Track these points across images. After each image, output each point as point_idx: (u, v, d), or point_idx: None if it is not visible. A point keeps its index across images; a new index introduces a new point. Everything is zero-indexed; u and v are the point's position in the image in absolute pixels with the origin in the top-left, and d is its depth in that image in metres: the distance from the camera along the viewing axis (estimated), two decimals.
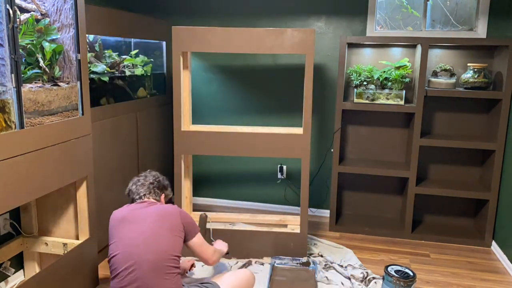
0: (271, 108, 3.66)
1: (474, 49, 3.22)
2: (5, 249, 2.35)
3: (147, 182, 2.14)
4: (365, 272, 2.67)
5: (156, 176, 2.20)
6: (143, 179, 2.16)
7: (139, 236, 1.90)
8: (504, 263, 2.92)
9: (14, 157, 1.83)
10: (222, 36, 2.61)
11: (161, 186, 2.18)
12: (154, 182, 2.16)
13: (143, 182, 2.14)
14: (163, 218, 1.96)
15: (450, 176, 3.41)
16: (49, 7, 2.23)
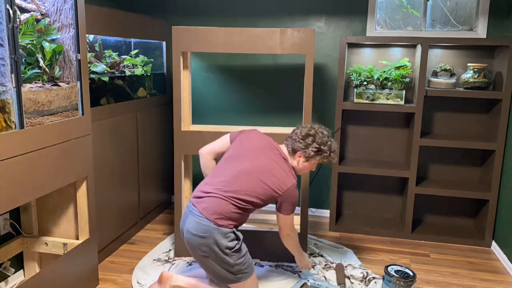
0: (271, 108, 3.66)
1: (474, 49, 3.22)
2: (5, 249, 2.35)
3: (300, 134, 2.21)
4: (365, 272, 2.67)
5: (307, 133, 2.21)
6: (300, 132, 2.23)
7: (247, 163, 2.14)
8: (504, 263, 2.92)
9: (14, 157, 1.83)
10: (222, 36, 2.61)
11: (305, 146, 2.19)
12: (306, 137, 2.19)
13: (300, 130, 2.23)
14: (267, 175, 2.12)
15: (450, 176, 3.41)
16: (49, 7, 2.23)
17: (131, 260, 2.85)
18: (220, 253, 2.07)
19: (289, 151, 2.23)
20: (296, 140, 2.21)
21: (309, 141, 2.19)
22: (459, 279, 2.72)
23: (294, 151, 2.21)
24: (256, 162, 2.15)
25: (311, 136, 2.20)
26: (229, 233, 2.08)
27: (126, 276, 2.65)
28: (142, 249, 3.01)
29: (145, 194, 3.35)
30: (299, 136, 2.21)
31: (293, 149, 2.21)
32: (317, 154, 2.20)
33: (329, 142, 2.23)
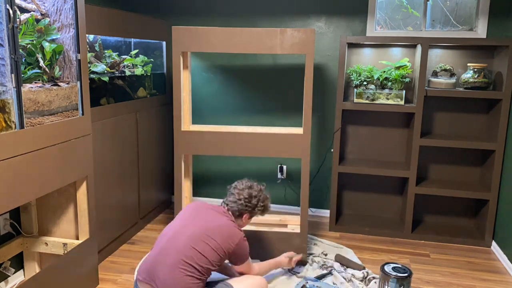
0: (271, 108, 3.66)
1: (474, 49, 3.22)
2: (5, 249, 2.35)
3: (238, 196, 2.24)
4: (365, 272, 2.67)
5: (251, 195, 2.24)
6: (240, 190, 2.26)
7: (184, 229, 2.04)
8: (504, 263, 2.92)
9: (14, 157, 1.83)
10: (222, 36, 2.61)
11: (248, 207, 2.24)
12: (242, 199, 2.22)
13: (237, 192, 2.25)
14: (216, 234, 2.04)
15: (450, 176, 3.41)
16: (49, 7, 2.23)
17: (131, 260, 2.85)
18: None
19: (234, 213, 2.24)
20: (240, 203, 2.23)
21: (254, 202, 2.26)
22: (459, 279, 2.72)
23: (240, 214, 2.25)
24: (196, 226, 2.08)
25: (255, 197, 2.27)
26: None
27: (126, 276, 2.65)
28: (142, 249, 3.01)
29: (145, 194, 3.35)
30: (243, 198, 2.24)
31: (239, 211, 2.24)
32: (262, 212, 2.31)
33: (267, 196, 2.35)
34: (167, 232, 2.09)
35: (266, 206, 2.31)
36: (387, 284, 2.33)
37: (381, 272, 2.36)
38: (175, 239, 2.02)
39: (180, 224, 2.10)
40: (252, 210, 2.26)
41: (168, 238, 2.05)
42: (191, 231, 2.03)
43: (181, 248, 1.98)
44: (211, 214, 2.15)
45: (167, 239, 2.04)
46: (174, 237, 2.03)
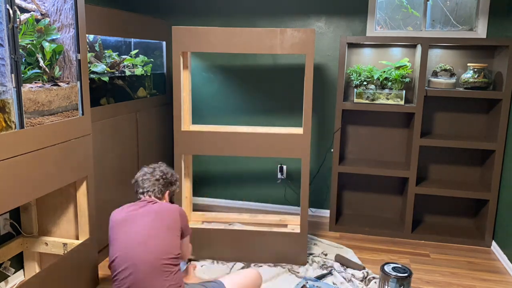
0: (271, 108, 3.66)
1: (474, 49, 3.22)
2: (5, 249, 2.35)
3: (153, 178, 2.11)
4: (365, 272, 2.67)
5: (163, 172, 2.15)
6: (150, 173, 2.13)
7: (137, 236, 1.87)
8: (504, 263, 2.92)
9: (14, 157, 1.83)
10: (222, 36, 2.61)
11: (167, 183, 2.15)
12: (160, 179, 2.12)
13: (149, 177, 2.11)
14: (162, 217, 1.94)
15: (450, 176, 3.41)
16: (49, 7, 2.23)
17: None
18: None
19: (157, 196, 2.10)
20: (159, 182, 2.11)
21: (169, 176, 2.16)
22: (459, 279, 2.72)
23: (162, 193, 2.12)
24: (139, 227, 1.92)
25: (167, 173, 2.16)
26: None
27: None
28: None
29: None
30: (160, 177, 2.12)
31: (161, 191, 2.11)
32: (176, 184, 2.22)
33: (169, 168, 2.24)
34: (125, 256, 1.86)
35: (176, 176, 2.23)
36: (387, 284, 2.33)
37: (381, 272, 2.36)
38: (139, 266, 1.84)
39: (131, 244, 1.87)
40: (170, 184, 2.15)
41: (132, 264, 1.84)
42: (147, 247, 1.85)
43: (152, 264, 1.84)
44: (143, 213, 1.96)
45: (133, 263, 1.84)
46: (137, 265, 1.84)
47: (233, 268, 2.73)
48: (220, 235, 2.79)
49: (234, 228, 2.83)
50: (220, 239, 2.79)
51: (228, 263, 2.80)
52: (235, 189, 3.85)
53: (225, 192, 3.88)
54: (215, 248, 2.82)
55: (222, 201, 3.90)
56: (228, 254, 2.82)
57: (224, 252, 2.81)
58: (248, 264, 2.79)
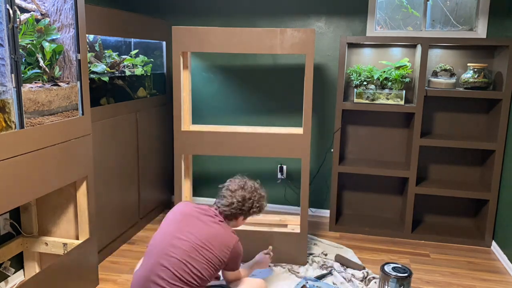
0: (271, 108, 3.66)
1: (474, 49, 3.22)
2: (5, 249, 2.35)
3: (234, 200, 2.08)
4: (365, 272, 2.67)
5: (244, 197, 2.09)
6: (231, 192, 2.09)
7: (180, 242, 1.91)
8: (504, 263, 2.92)
9: (14, 157, 1.83)
10: (222, 36, 2.61)
11: (244, 211, 2.09)
12: (237, 203, 2.07)
13: (231, 195, 2.09)
14: (211, 245, 1.92)
15: (450, 176, 3.41)
16: (49, 7, 2.23)
17: (131, 260, 2.85)
18: None
19: (227, 217, 2.10)
20: (233, 206, 2.08)
21: (248, 205, 2.11)
22: (459, 279, 2.72)
23: (234, 216, 2.11)
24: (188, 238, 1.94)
25: (249, 199, 2.11)
26: None
27: (126, 276, 2.65)
28: (142, 249, 3.01)
29: (145, 194, 3.35)
30: (236, 202, 2.08)
31: (233, 215, 2.10)
32: (258, 213, 2.18)
33: (262, 194, 2.19)
34: (157, 243, 1.94)
35: (262, 206, 2.17)
36: (387, 284, 2.33)
37: (381, 272, 2.36)
38: (167, 253, 1.89)
39: (171, 234, 1.94)
40: (247, 213, 2.12)
41: (159, 250, 1.91)
42: (184, 244, 1.90)
43: (175, 263, 1.87)
44: (203, 222, 1.99)
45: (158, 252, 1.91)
46: (166, 250, 1.90)
47: None
48: None
49: (234, 228, 2.82)
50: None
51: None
52: None
53: None
54: None
55: None
56: None
57: None
58: None
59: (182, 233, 1.94)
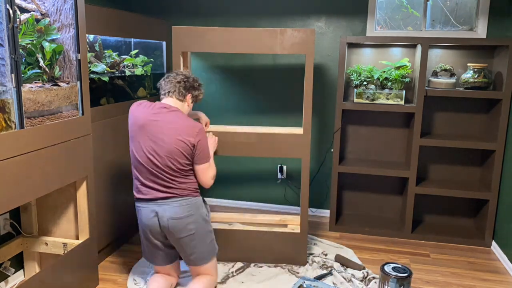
0: (271, 108, 3.66)
1: (474, 49, 3.22)
2: (5, 249, 2.35)
3: (175, 80, 2.28)
4: (365, 272, 2.67)
5: (186, 76, 2.30)
6: (173, 76, 2.30)
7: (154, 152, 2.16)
8: (504, 263, 2.92)
9: (14, 157, 1.83)
10: (222, 36, 2.61)
11: (189, 86, 2.29)
12: (181, 81, 2.28)
13: (171, 80, 2.29)
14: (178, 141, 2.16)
15: (450, 176, 3.41)
16: (49, 7, 2.23)
17: (131, 260, 2.85)
18: (203, 223, 2.30)
19: (178, 97, 2.29)
20: (179, 85, 2.28)
21: (191, 81, 2.31)
22: (459, 279, 2.72)
23: (183, 95, 2.30)
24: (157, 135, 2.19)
25: (189, 77, 2.33)
26: (202, 201, 2.32)
27: (126, 276, 2.65)
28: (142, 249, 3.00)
29: None
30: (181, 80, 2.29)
31: (181, 92, 2.29)
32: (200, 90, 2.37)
33: None
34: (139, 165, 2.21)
35: (201, 84, 2.39)
36: (387, 284, 2.33)
37: (381, 272, 2.36)
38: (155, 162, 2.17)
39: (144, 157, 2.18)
40: (193, 88, 2.32)
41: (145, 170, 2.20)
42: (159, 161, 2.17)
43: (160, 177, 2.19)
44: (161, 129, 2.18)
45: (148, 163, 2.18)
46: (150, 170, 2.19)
47: (232, 268, 2.73)
48: (220, 235, 2.79)
49: (234, 228, 2.83)
50: (220, 239, 2.78)
51: (228, 263, 2.80)
52: (235, 189, 3.85)
53: (225, 192, 3.88)
54: None
55: (222, 201, 3.90)
56: (228, 254, 2.82)
57: (224, 252, 2.81)
58: (248, 264, 2.79)
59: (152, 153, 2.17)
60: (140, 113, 2.22)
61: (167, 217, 2.19)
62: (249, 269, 2.73)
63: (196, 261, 2.31)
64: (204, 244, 2.30)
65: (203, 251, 2.31)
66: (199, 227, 2.27)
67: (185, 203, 2.22)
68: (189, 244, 2.25)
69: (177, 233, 2.22)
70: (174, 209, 2.20)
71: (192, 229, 2.24)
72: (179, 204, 2.21)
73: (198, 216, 2.27)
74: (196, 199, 2.28)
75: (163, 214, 2.20)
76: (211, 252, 2.36)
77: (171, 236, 2.24)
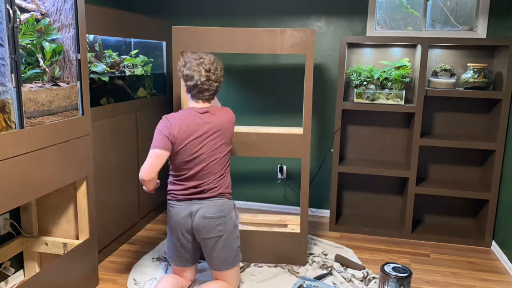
0: (271, 108, 3.66)
1: (474, 49, 3.22)
2: (5, 249, 2.35)
3: (214, 85, 2.20)
4: (365, 272, 2.67)
5: (219, 77, 2.22)
6: (208, 79, 2.17)
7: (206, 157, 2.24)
8: (504, 263, 2.92)
9: (14, 157, 1.83)
10: (222, 36, 2.61)
11: (220, 84, 2.26)
12: (218, 81, 2.21)
13: (211, 83, 2.18)
14: (223, 135, 2.27)
15: (450, 176, 3.41)
16: (49, 7, 2.23)
17: (131, 260, 2.85)
18: (232, 227, 2.29)
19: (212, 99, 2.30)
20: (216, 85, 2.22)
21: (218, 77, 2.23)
22: (459, 279, 2.72)
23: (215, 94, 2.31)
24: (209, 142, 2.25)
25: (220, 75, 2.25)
26: (234, 204, 2.35)
27: (126, 276, 2.65)
28: (142, 249, 3.01)
29: (145, 194, 3.35)
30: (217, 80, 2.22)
31: (215, 92, 2.28)
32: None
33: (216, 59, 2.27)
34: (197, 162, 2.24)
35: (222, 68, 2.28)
36: (387, 284, 2.33)
37: (381, 272, 2.36)
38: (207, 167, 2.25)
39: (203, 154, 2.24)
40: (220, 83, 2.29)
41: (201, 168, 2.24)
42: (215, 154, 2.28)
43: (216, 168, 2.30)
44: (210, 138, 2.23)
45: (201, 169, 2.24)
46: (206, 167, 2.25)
47: None
48: None
49: None
50: None
51: None
52: (235, 189, 3.85)
53: None
54: None
55: None
56: None
57: None
58: (248, 264, 2.79)
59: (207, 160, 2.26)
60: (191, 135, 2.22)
61: (197, 216, 2.21)
62: (249, 269, 2.74)
63: (220, 266, 2.28)
64: (230, 249, 2.29)
65: (228, 256, 2.29)
66: (228, 230, 2.26)
67: (220, 202, 2.25)
68: (215, 248, 2.25)
69: (204, 235, 2.22)
70: (205, 209, 2.21)
71: (221, 230, 2.23)
72: (213, 203, 2.23)
73: (228, 218, 2.27)
74: (230, 201, 2.32)
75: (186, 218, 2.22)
76: (236, 259, 2.34)
77: (199, 235, 2.23)
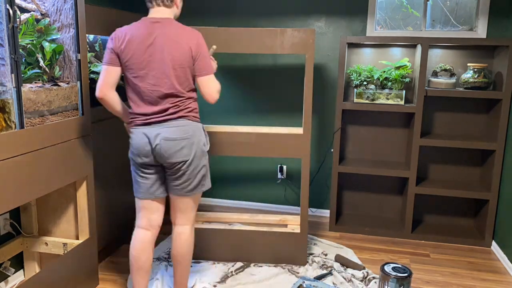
0: (271, 108, 3.66)
1: (474, 49, 3.22)
2: (5, 249, 2.35)
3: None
4: (365, 272, 2.67)
5: None
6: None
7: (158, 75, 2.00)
8: (504, 263, 2.92)
9: (14, 157, 1.83)
10: (222, 36, 2.61)
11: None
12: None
13: None
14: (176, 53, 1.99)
15: (450, 176, 3.41)
16: (49, 7, 2.23)
17: None
18: (200, 152, 2.09)
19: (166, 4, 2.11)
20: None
21: None
22: (459, 279, 2.72)
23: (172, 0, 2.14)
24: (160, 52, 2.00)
25: None
26: (202, 127, 2.14)
27: (126, 276, 2.65)
28: None
29: None
30: None
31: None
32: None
33: None
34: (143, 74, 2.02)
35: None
36: (387, 284, 2.33)
37: (381, 272, 2.37)
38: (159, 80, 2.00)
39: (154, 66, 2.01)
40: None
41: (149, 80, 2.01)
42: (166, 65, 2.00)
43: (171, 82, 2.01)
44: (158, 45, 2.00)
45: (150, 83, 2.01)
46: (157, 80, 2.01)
47: (232, 268, 2.73)
48: (220, 235, 2.79)
49: (234, 228, 2.83)
50: (220, 239, 2.79)
51: (228, 263, 2.80)
52: (235, 189, 3.85)
53: (225, 192, 3.88)
54: (215, 248, 2.82)
55: (222, 201, 3.90)
56: (228, 254, 2.82)
57: (224, 252, 2.82)
58: (248, 264, 2.79)
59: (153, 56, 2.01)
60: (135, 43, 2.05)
61: (159, 138, 2.00)
62: (249, 269, 2.74)
63: (177, 191, 2.12)
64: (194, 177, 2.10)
65: (190, 183, 2.10)
66: (194, 157, 2.06)
67: (182, 124, 2.05)
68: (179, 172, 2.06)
69: (169, 157, 2.02)
70: (168, 131, 2.02)
71: (186, 154, 2.03)
72: (174, 124, 2.03)
73: (194, 142, 2.06)
74: (197, 124, 2.10)
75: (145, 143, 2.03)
76: (198, 188, 2.14)
77: (162, 160, 2.03)
